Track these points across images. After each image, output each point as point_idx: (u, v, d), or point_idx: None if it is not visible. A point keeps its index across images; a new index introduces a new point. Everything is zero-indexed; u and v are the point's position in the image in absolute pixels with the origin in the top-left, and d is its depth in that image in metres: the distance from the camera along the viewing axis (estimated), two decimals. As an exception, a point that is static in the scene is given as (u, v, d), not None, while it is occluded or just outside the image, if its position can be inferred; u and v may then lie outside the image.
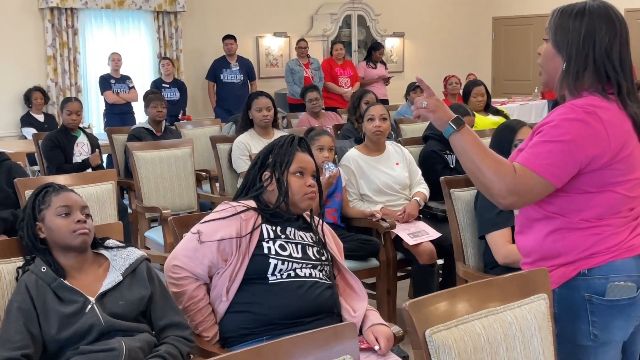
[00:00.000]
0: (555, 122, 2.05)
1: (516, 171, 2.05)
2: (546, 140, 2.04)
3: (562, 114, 2.06)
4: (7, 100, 8.21)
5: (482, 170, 2.08)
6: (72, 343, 2.28)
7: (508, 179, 2.04)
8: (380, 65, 10.32)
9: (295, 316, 2.50)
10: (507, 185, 2.04)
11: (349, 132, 5.74)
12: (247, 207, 2.59)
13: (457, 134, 2.14)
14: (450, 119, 2.16)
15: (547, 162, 2.03)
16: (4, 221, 4.09)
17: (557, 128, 2.04)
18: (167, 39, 9.46)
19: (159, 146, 5.30)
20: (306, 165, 2.67)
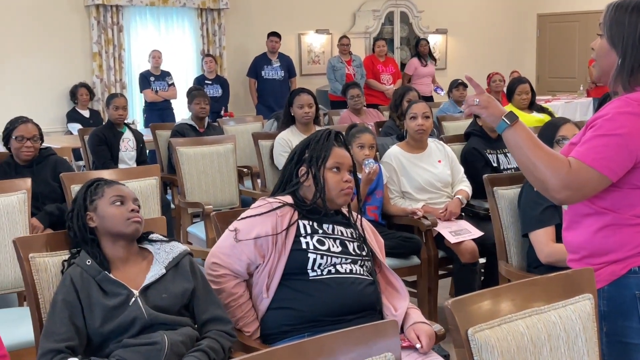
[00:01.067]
0: (610, 115, 2.02)
1: (571, 165, 2.02)
2: (601, 134, 2.01)
3: (617, 107, 2.02)
4: (53, 96, 8.35)
5: (537, 165, 2.06)
6: (115, 336, 2.31)
7: (563, 174, 2.01)
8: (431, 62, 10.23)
9: (337, 313, 2.49)
10: (561, 179, 2.01)
11: (391, 129, 5.72)
12: (283, 203, 2.59)
13: (511, 129, 2.13)
14: (503, 115, 2.15)
15: (602, 155, 1.99)
16: (49, 215, 4.17)
17: (612, 121, 2.00)
18: (211, 36, 9.52)
19: (202, 142, 5.34)
20: (343, 160, 2.65)
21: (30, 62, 8.13)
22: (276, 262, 2.51)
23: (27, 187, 3.50)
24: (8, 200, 3.41)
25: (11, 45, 8.02)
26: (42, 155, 4.38)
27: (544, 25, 13.30)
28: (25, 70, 8.10)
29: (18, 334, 2.90)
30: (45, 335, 2.28)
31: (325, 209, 2.62)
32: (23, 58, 8.09)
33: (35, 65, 8.17)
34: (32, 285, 2.45)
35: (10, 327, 2.91)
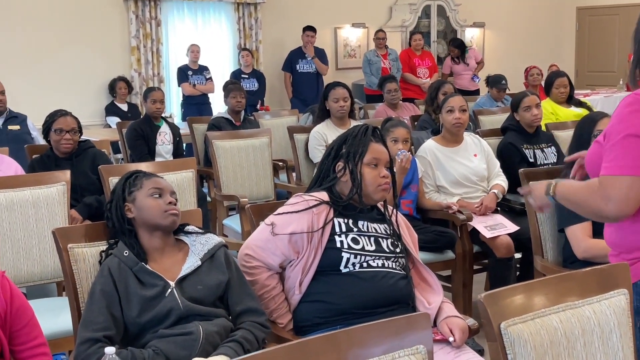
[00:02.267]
0: (619, 117, 2.04)
1: (601, 182, 2.04)
2: (616, 141, 2.02)
3: (625, 106, 2.05)
4: (92, 90, 8.46)
5: (585, 203, 2.14)
6: (152, 326, 2.34)
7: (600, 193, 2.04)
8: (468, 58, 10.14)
9: (369, 306, 2.50)
10: (602, 197, 2.03)
11: (426, 123, 5.70)
12: (319, 200, 2.60)
13: (557, 196, 2.27)
14: (545, 192, 2.30)
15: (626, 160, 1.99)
16: (88, 207, 4.23)
17: (622, 123, 2.01)
18: (247, 30, 9.57)
19: (238, 136, 5.37)
20: (380, 155, 2.65)
21: (70, 56, 8.25)
22: (311, 260, 2.52)
23: (66, 179, 3.56)
24: (48, 192, 3.46)
25: (51, 40, 8.15)
26: (81, 148, 4.44)
27: (583, 18, 13.11)
28: (65, 64, 8.22)
29: (57, 323, 2.96)
30: (83, 324, 2.32)
31: (361, 204, 2.62)
32: (63, 52, 8.21)
33: (75, 59, 8.28)
34: (71, 275, 2.49)
35: (49, 317, 2.96)
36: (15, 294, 2.10)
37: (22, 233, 3.36)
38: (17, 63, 7.88)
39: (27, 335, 2.12)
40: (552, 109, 5.99)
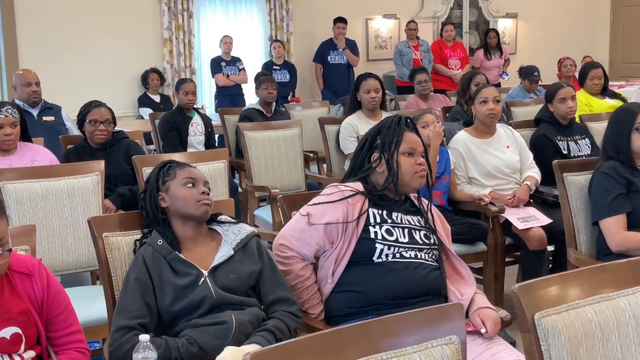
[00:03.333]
0: None
1: None
2: None
3: None
4: (125, 81, 8.53)
5: None
6: (185, 314, 2.36)
7: None
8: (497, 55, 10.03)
9: (401, 296, 2.50)
10: None
11: (458, 114, 5.67)
12: (355, 191, 2.60)
13: None
14: None
15: None
16: (121, 196, 4.27)
17: None
18: (278, 22, 9.57)
19: (269, 127, 5.39)
20: (415, 144, 2.66)
21: (104, 48, 8.32)
22: (344, 249, 2.53)
23: (100, 169, 3.60)
24: (82, 181, 3.51)
25: (86, 32, 8.23)
26: (114, 139, 4.48)
27: (617, 9, 12.91)
28: (98, 56, 8.30)
29: (91, 311, 3.00)
30: (118, 312, 2.35)
31: (396, 194, 2.62)
32: (97, 44, 8.29)
33: (109, 51, 8.36)
34: (106, 264, 2.52)
35: (84, 305, 3.00)
36: (52, 281, 2.14)
37: (57, 222, 3.41)
38: (52, 55, 7.97)
39: (64, 322, 2.15)
40: (586, 101, 5.93)
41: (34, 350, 2.10)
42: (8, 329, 2.02)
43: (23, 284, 2.09)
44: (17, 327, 2.03)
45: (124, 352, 2.25)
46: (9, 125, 3.95)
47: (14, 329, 2.03)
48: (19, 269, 2.07)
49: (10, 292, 2.06)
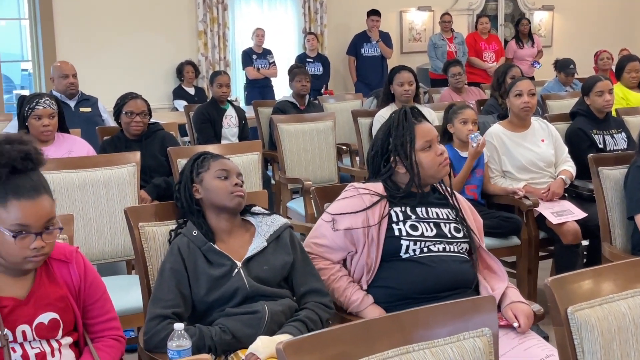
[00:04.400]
0: None
1: None
2: None
3: None
4: (161, 73, 8.60)
5: None
6: (218, 305, 2.39)
7: None
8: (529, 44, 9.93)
9: (431, 290, 2.50)
10: None
11: (493, 107, 5.63)
12: (373, 193, 2.58)
13: None
14: None
15: None
16: (157, 187, 4.32)
17: None
18: (312, 14, 9.57)
19: (302, 119, 5.41)
20: (430, 135, 2.61)
21: (140, 41, 8.40)
22: (373, 256, 2.53)
23: (136, 161, 3.64)
24: (119, 172, 3.56)
25: (122, 25, 8.31)
26: (150, 130, 4.53)
27: (657, 0, 12.69)
28: (134, 49, 8.37)
29: (126, 300, 3.04)
30: (153, 301, 2.38)
31: (420, 189, 2.60)
32: (133, 37, 8.36)
33: (144, 44, 8.43)
34: (141, 253, 2.56)
35: (120, 293, 3.03)
36: (88, 269, 2.18)
37: (94, 212, 3.46)
38: (89, 47, 8.06)
39: (100, 309, 2.19)
40: (622, 94, 5.85)
41: (71, 336, 2.13)
42: (46, 314, 2.06)
43: (61, 271, 2.12)
44: (55, 313, 2.07)
45: (159, 340, 2.29)
46: (47, 116, 4.01)
47: (52, 315, 2.07)
48: (57, 256, 2.11)
49: (48, 278, 2.10)
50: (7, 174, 1.94)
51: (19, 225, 1.94)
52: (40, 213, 1.97)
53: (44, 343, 2.06)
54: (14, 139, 2.00)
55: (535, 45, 9.90)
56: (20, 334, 2.02)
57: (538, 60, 9.77)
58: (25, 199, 1.95)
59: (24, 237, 1.95)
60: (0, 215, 1.95)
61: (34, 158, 2.00)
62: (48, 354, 2.06)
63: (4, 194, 1.94)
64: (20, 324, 2.02)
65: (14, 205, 1.94)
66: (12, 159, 1.95)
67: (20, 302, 2.04)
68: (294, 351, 1.40)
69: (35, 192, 1.97)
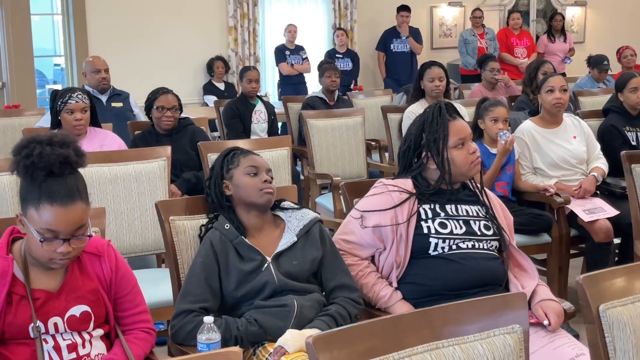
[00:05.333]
0: None
1: None
2: None
3: None
4: (191, 69, 8.65)
5: None
6: (247, 299, 2.40)
7: None
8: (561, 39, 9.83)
9: (460, 287, 2.49)
10: None
11: (524, 103, 5.58)
12: (402, 190, 2.57)
13: None
14: None
15: None
16: (187, 182, 4.35)
17: None
18: (342, 10, 9.56)
19: (332, 115, 5.41)
20: (463, 133, 2.59)
21: (171, 36, 8.45)
22: (402, 252, 2.52)
23: (167, 155, 3.67)
24: (149, 166, 3.58)
25: (153, 20, 8.36)
26: (181, 125, 4.56)
27: (693, -5, 12.49)
28: (165, 44, 8.43)
29: (157, 293, 3.06)
30: (181, 295, 2.40)
31: (450, 186, 2.58)
32: (164, 32, 8.41)
33: (175, 39, 8.48)
34: (172, 246, 2.58)
35: (150, 287, 3.06)
36: (120, 262, 2.20)
37: (125, 206, 3.49)
38: (120, 43, 8.12)
39: (131, 302, 2.21)
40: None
41: (102, 328, 2.16)
42: (78, 307, 2.08)
43: (92, 264, 2.14)
44: (86, 305, 2.09)
45: (186, 333, 2.31)
46: (79, 111, 4.05)
47: (84, 308, 2.09)
48: (89, 249, 2.13)
49: (80, 271, 2.12)
50: (43, 177, 1.95)
51: (48, 230, 1.96)
52: (71, 221, 1.97)
53: (76, 335, 2.09)
54: (56, 140, 1.99)
55: (568, 42, 9.80)
56: (52, 325, 2.05)
57: (569, 56, 9.67)
58: (58, 204, 1.95)
59: (51, 242, 1.97)
60: (32, 216, 1.96)
61: (72, 162, 2.00)
62: (79, 345, 2.08)
63: (38, 196, 1.95)
64: (53, 316, 2.05)
65: (46, 209, 1.95)
66: (51, 162, 1.95)
67: (53, 294, 2.06)
68: (323, 345, 1.40)
69: (69, 198, 1.97)
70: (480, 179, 2.69)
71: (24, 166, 1.95)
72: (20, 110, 5.88)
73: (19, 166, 1.97)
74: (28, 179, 1.97)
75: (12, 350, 2.03)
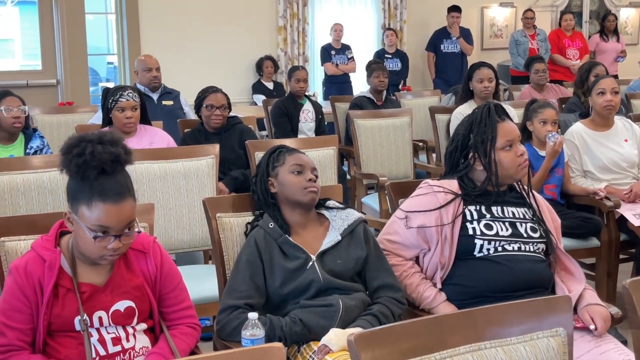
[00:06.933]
0: None
1: None
2: None
3: None
4: (241, 68, 8.73)
5: None
6: (292, 297, 2.42)
7: None
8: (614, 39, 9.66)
9: (505, 289, 2.47)
10: None
11: (575, 105, 5.50)
12: (448, 191, 2.56)
13: None
14: None
15: None
16: (234, 180, 4.39)
17: None
18: (392, 10, 9.54)
19: (379, 115, 5.40)
20: (512, 135, 2.57)
21: (221, 36, 8.54)
22: (447, 254, 2.51)
23: (215, 153, 3.71)
24: (198, 164, 3.63)
25: (204, 21, 8.46)
26: (229, 124, 4.61)
27: None
28: (216, 44, 8.52)
29: (203, 289, 3.10)
30: (227, 292, 2.43)
31: (496, 188, 2.56)
32: (214, 32, 8.51)
33: (225, 39, 8.57)
34: (218, 243, 2.61)
35: (197, 283, 3.10)
36: (165, 259, 2.23)
37: (174, 202, 3.54)
38: (172, 42, 8.24)
39: (175, 298, 2.24)
40: None
41: (146, 323, 2.19)
42: (122, 302, 2.12)
43: (138, 261, 2.18)
44: (131, 301, 2.13)
45: (231, 329, 2.33)
46: (129, 109, 4.12)
47: (128, 303, 2.13)
48: (135, 246, 2.17)
49: (125, 267, 2.16)
50: (95, 175, 2.00)
51: (100, 227, 2.00)
52: (122, 217, 2.02)
53: (119, 328, 2.13)
54: (106, 139, 2.04)
55: (620, 42, 9.63)
56: (97, 319, 2.09)
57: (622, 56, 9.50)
58: (110, 202, 2.00)
59: (103, 238, 2.01)
60: (83, 213, 2.01)
61: (122, 160, 2.05)
62: (123, 338, 2.12)
63: (90, 194, 2.00)
64: (98, 310, 2.09)
65: (98, 207, 1.99)
66: (103, 161, 2.00)
67: (99, 289, 2.11)
68: (365, 344, 1.41)
69: (120, 195, 2.02)
70: (528, 181, 2.66)
71: (76, 165, 2.00)
72: (73, 107, 6.01)
73: (71, 164, 2.01)
74: (79, 178, 2.01)
75: (60, 342, 2.08)
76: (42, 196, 3.29)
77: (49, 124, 5.37)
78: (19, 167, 3.35)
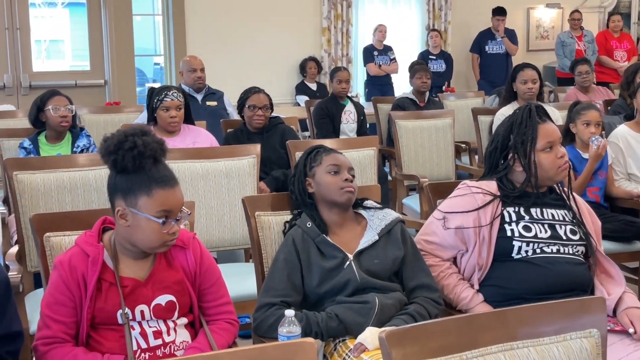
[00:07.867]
0: None
1: None
2: None
3: None
4: (285, 69, 8.78)
5: None
6: (330, 296, 2.44)
7: None
8: None
9: (543, 291, 2.45)
10: None
11: (620, 107, 5.42)
12: (487, 193, 2.55)
13: None
14: None
15: None
16: (275, 180, 4.43)
17: None
18: (437, 11, 9.51)
19: (421, 116, 5.39)
20: (553, 137, 2.55)
21: (265, 37, 8.60)
22: (484, 255, 2.51)
23: (256, 153, 3.75)
24: (240, 163, 3.67)
25: (248, 22, 8.53)
26: (271, 124, 4.65)
27: None
28: (260, 45, 8.58)
29: (243, 287, 3.13)
30: (264, 289, 2.46)
31: (536, 189, 2.55)
32: (259, 34, 8.57)
33: (270, 40, 8.63)
34: (257, 241, 2.65)
35: (236, 280, 3.13)
36: (204, 255, 2.27)
37: (215, 201, 3.59)
38: (217, 43, 8.33)
39: (214, 293, 2.28)
40: None
41: (186, 317, 2.24)
42: (163, 296, 2.17)
43: (178, 257, 2.23)
44: (171, 295, 2.18)
45: (268, 325, 2.36)
46: (174, 108, 4.19)
47: (169, 297, 2.18)
48: (176, 242, 2.22)
49: (166, 263, 2.21)
50: (151, 164, 2.08)
51: (164, 212, 2.08)
52: (179, 200, 2.12)
53: (161, 322, 2.17)
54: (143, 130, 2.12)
55: None
56: (139, 313, 2.14)
57: None
58: (168, 187, 2.09)
59: (166, 223, 2.08)
60: (144, 204, 2.08)
61: (165, 148, 2.14)
62: (164, 332, 2.17)
63: (149, 183, 2.08)
64: (140, 303, 2.14)
65: (159, 193, 2.07)
66: (155, 150, 2.09)
67: (140, 283, 2.16)
68: (396, 341, 1.42)
69: (174, 180, 2.12)
70: (569, 183, 2.64)
71: (132, 157, 2.06)
72: (120, 107, 6.10)
73: (125, 159, 2.06)
74: (134, 170, 2.07)
75: (103, 335, 2.14)
76: (88, 193, 3.36)
77: (95, 124, 5.47)
78: (66, 165, 3.42)
